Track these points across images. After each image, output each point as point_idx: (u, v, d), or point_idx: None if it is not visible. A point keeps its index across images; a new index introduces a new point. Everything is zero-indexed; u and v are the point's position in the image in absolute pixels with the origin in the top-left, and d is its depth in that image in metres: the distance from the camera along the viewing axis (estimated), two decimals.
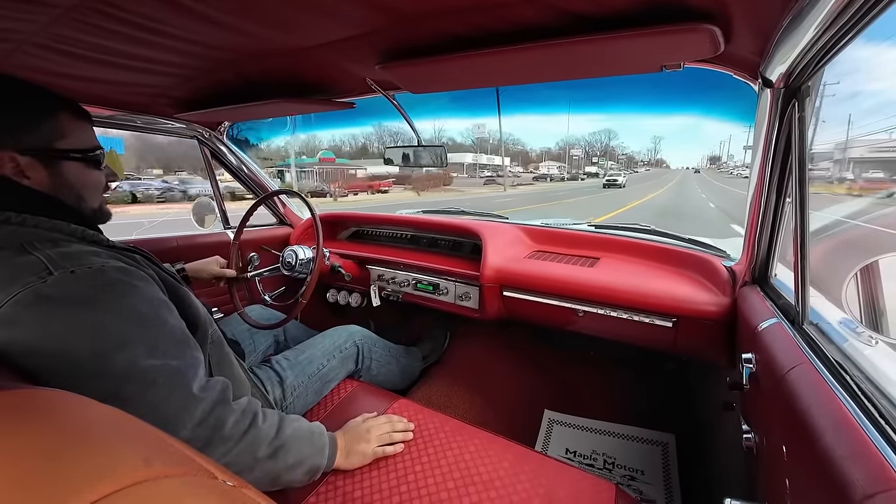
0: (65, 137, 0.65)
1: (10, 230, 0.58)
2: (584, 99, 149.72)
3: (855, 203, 14.01)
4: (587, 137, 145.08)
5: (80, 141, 0.68)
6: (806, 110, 0.69)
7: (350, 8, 0.64)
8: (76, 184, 0.68)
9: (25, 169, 0.62)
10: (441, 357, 1.73)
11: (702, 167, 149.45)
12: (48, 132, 0.64)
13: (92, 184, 0.71)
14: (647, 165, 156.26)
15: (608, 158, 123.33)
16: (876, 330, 0.56)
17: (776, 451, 0.54)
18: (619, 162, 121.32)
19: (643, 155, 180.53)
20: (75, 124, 0.67)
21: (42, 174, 0.63)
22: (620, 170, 58.39)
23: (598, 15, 0.63)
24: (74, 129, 0.67)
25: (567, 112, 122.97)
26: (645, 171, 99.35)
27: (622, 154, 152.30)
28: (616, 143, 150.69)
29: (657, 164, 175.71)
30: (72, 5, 0.60)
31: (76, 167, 0.67)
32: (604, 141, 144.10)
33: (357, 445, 0.82)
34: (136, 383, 0.55)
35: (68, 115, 0.66)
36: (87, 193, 0.70)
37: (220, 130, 1.61)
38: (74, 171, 0.67)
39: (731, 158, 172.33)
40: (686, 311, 1.03)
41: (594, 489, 0.77)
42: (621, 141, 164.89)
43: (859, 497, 0.34)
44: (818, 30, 0.51)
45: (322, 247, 1.26)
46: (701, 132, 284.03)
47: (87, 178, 0.70)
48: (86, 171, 0.69)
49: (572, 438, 1.44)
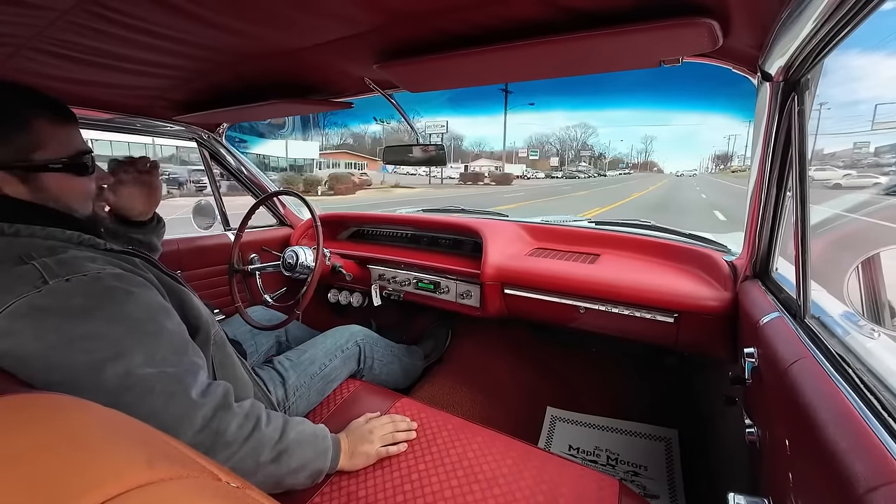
0: (42, 147, 0.61)
1: (5, 242, 0.57)
2: (562, 92, 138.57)
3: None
4: (559, 133, 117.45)
5: (61, 148, 0.63)
6: (805, 104, 0.69)
7: (347, 7, 0.64)
8: (60, 195, 0.64)
9: (1, 185, 0.59)
10: (443, 356, 1.74)
11: (701, 169, 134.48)
12: (21, 144, 0.59)
13: (78, 192, 0.66)
14: (630, 168, 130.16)
15: (580, 158, 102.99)
16: (877, 322, 0.56)
17: (779, 445, 0.54)
18: (589, 162, 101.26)
19: (632, 156, 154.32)
20: (54, 130, 0.63)
21: (20, 189, 0.60)
22: (587, 172, 43.54)
23: (596, 10, 0.63)
24: (53, 137, 0.62)
25: (525, 108, 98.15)
26: (619, 174, 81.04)
27: (601, 154, 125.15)
28: (594, 141, 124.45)
29: (644, 167, 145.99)
30: (68, 8, 0.60)
31: (57, 178, 0.63)
32: (580, 138, 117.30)
33: (360, 446, 0.82)
34: (135, 391, 0.55)
35: (45, 121, 0.61)
36: (74, 203, 0.66)
37: (219, 132, 1.61)
38: (56, 182, 0.63)
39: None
40: (687, 306, 1.03)
41: (598, 485, 0.77)
42: (606, 139, 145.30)
43: (862, 490, 0.34)
44: (816, 23, 0.51)
45: (322, 247, 1.26)
46: (698, 131, 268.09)
47: (72, 186, 0.65)
48: (69, 181, 0.65)
49: (575, 435, 1.44)
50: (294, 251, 1.46)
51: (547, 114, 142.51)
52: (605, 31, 0.64)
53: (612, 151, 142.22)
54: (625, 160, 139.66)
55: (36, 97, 0.62)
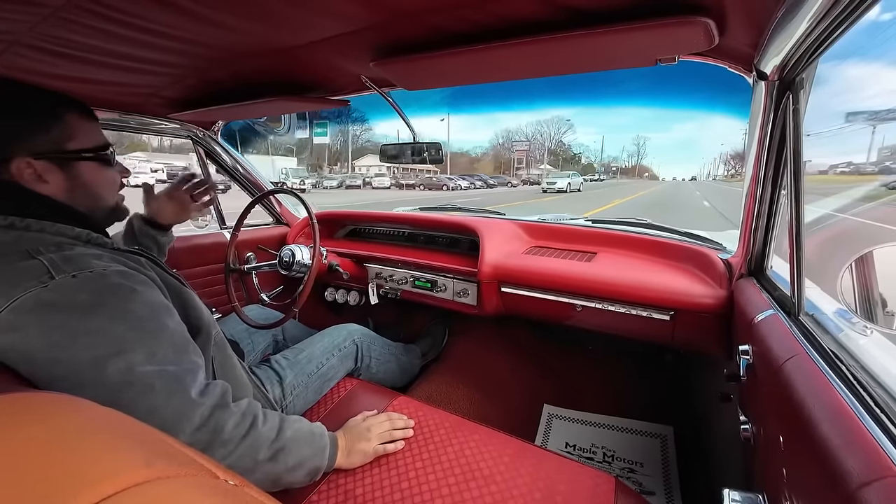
0: (75, 138, 0.66)
1: (15, 235, 0.58)
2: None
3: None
4: (525, 129, 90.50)
5: (91, 140, 0.68)
6: (800, 102, 0.69)
7: (343, 5, 0.64)
8: (92, 184, 0.68)
9: (43, 174, 0.62)
10: (440, 354, 1.74)
11: (703, 175, 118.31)
12: (58, 134, 0.64)
13: (107, 182, 0.72)
14: (608, 173, 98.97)
15: (559, 158, 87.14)
16: (870, 320, 0.57)
17: (773, 442, 0.55)
18: (559, 164, 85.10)
19: (622, 158, 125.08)
20: (83, 124, 0.68)
21: (59, 177, 0.64)
22: (559, 175, 32.20)
23: (593, 9, 0.63)
24: (83, 129, 0.67)
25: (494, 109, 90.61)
26: (589, 180, 54.32)
27: (576, 154, 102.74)
28: (571, 140, 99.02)
29: (633, 173, 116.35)
30: (60, 5, 0.59)
31: (90, 167, 0.68)
32: (553, 135, 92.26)
33: (358, 444, 0.82)
34: (135, 389, 0.55)
35: (75, 115, 0.67)
36: (103, 192, 0.71)
37: (215, 130, 1.60)
38: (89, 172, 0.68)
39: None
40: (683, 304, 1.03)
41: (594, 482, 0.78)
42: (592, 137, 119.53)
43: (855, 485, 0.35)
44: (811, 22, 0.51)
45: (319, 245, 1.26)
46: (698, 132, 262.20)
47: (102, 177, 0.70)
48: (100, 170, 0.70)
49: (571, 432, 1.45)
50: (290, 249, 1.45)
51: (530, 111, 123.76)
52: (601, 30, 0.64)
53: (590, 152, 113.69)
54: (603, 163, 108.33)
55: (63, 96, 0.66)
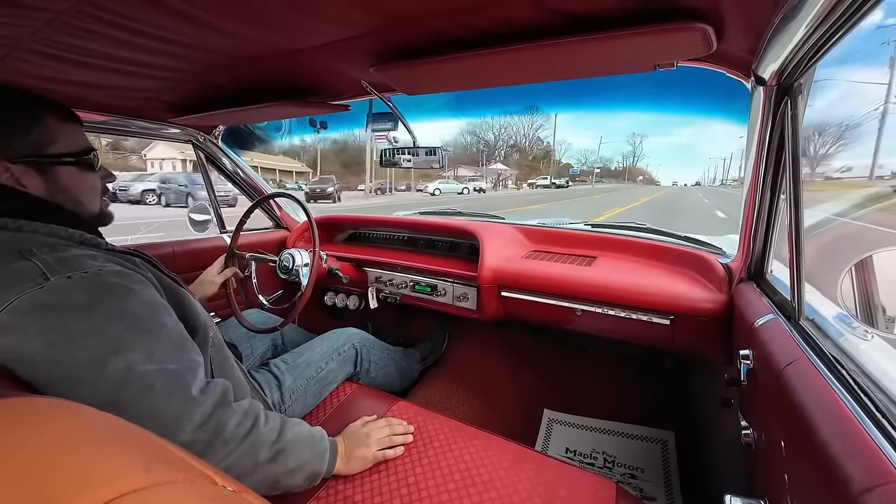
0: (55, 142, 0.64)
1: (7, 236, 0.57)
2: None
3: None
4: (491, 122, 71.52)
5: (71, 144, 0.67)
6: (798, 108, 0.70)
7: (343, 10, 0.64)
8: (72, 189, 0.67)
9: (20, 178, 0.61)
10: (440, 358, 1.73)
11: (706, 180, 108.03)
12: (37, 138, 0.63)
13: (87, 187, 0.70)
14: (584, 177, 75.93)
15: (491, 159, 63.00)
16: (871, 325, 0.57)
17: (775, 447, 0.54)
18: (530, 168, 67.17)
19: (614, 160, 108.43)
20: (63, 127, 0.66)
21: (37, 182, 0.63)
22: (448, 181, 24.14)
23: (592, 15, 0.64)
24: (63, 133, 0.66)
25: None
26: (542, 187, 38.90)
27: (547, 154, 78.48)
28: (544, 135, 77.90)
29: (623, 176, 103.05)
30: (63, 10, 0.60)
31: (70, 172, 0.66)
32: (526, 132, 74.95)
33: (357, 450, 0.82)
34: (135, 388, 0.55)
35: (55, 118, 0.65)
36: (84, 197, 0.69)
37: (216, 134, 1.60)
38: (68, 176, 0.66)
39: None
40: (683, 308, 1.03)
41: (594, 488, 0.77)
42: (583, 136, 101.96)
43: (857, 491, 0.35)
44: (809, 27, 0.52)
45: (319, 249, 1.26)
46: (698, 133, 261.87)
47: (82, 182, 0.69)
48: (80, 175, 0.68)
49: (572, 437, 1.44)
50: (290, 253, 1.45)
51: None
52: (600, 36, 0.65)
53: (573, 151, 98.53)
54: (589, 164, 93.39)
55: (43, 98, 0.65)
